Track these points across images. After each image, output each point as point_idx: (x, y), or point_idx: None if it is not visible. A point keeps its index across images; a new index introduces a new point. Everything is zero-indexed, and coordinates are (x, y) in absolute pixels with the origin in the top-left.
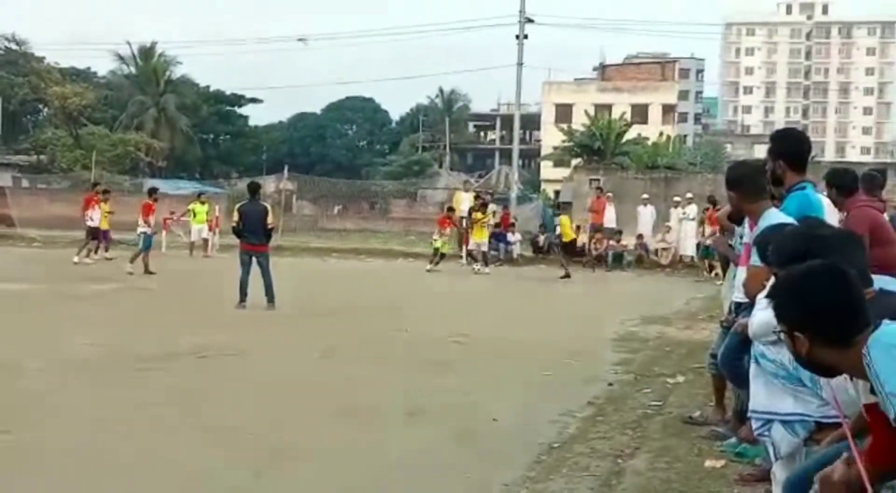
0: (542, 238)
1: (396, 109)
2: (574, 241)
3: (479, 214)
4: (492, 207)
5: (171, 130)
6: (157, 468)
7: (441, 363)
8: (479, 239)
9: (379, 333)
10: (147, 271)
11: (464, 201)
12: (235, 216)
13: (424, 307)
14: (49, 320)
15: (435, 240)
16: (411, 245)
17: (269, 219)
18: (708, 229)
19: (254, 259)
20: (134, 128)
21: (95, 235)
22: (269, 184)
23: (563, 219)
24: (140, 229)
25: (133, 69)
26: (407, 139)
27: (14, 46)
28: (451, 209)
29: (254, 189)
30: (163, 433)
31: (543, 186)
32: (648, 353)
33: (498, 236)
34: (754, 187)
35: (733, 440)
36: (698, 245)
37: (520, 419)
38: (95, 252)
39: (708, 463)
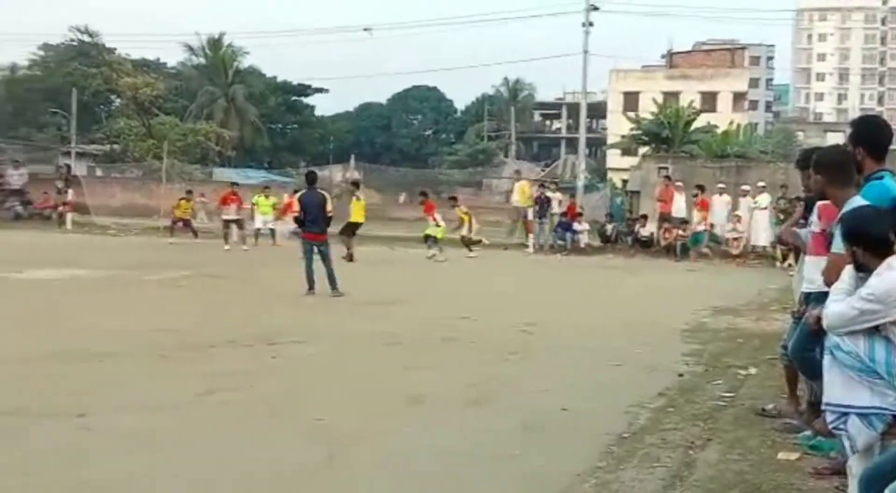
0: (609, 227)
1: (461, 98)
2: (357, 223)
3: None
4: (557, 195)
5: (239, 119)
6: (226, 452)
7: (508, 352)
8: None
9: (445, 321)
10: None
11: (515, 192)
12: (296, 206)
13: (491, 296)
14: (121, 305)
15: (438, 226)
16: (476, 234)
17: (329, 207)
18: (697, 216)
19: (315, 248)
20: (204, 118)
21: (241, 224)
22: (335, 173)
23: (355, 202)
24: (270, 225)
25: (202, 60)
26: (472, 128)
27: (87, 38)
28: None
29: (311, 179)
30: (232, 417)
31: (610, 174)
32: (719, 344)
33: (565, 226)
34: (844, 174)
35: (807, 432)
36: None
37: (589, 408)
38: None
39: (781, 456)
